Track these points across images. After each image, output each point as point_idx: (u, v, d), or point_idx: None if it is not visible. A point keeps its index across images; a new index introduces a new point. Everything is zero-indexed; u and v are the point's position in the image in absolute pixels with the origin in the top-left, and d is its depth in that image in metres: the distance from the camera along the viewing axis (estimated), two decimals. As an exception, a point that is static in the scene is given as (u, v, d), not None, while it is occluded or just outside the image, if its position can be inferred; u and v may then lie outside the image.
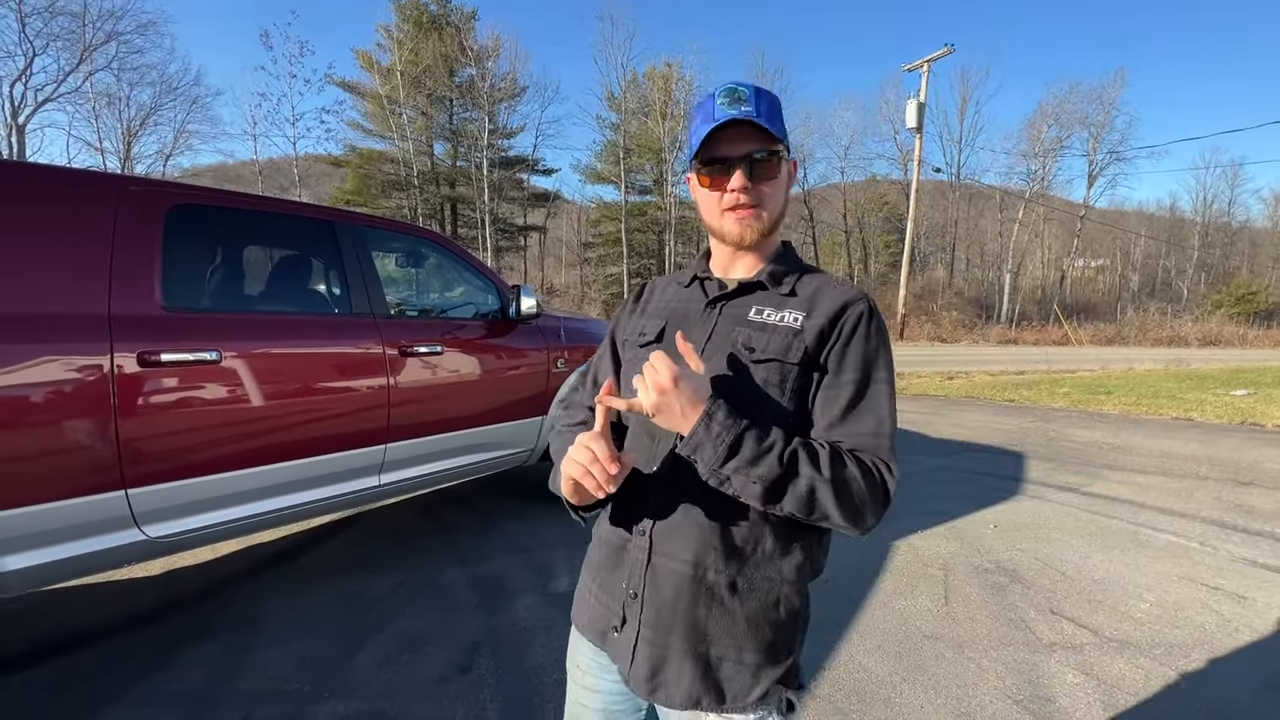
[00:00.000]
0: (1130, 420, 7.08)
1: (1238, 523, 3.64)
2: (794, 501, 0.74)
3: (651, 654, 0.83)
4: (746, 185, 0.84)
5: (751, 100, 0.83)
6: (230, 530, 2.25)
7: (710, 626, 0.81)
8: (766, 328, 0.84)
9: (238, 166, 29.63)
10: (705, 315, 0.90)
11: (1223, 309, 33.40)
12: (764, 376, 0.82)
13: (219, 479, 2.16)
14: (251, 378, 2.21)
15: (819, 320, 0.83)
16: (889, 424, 0.81)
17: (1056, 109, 33.24)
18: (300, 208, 2.67)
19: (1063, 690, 2.03)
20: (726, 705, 0.81)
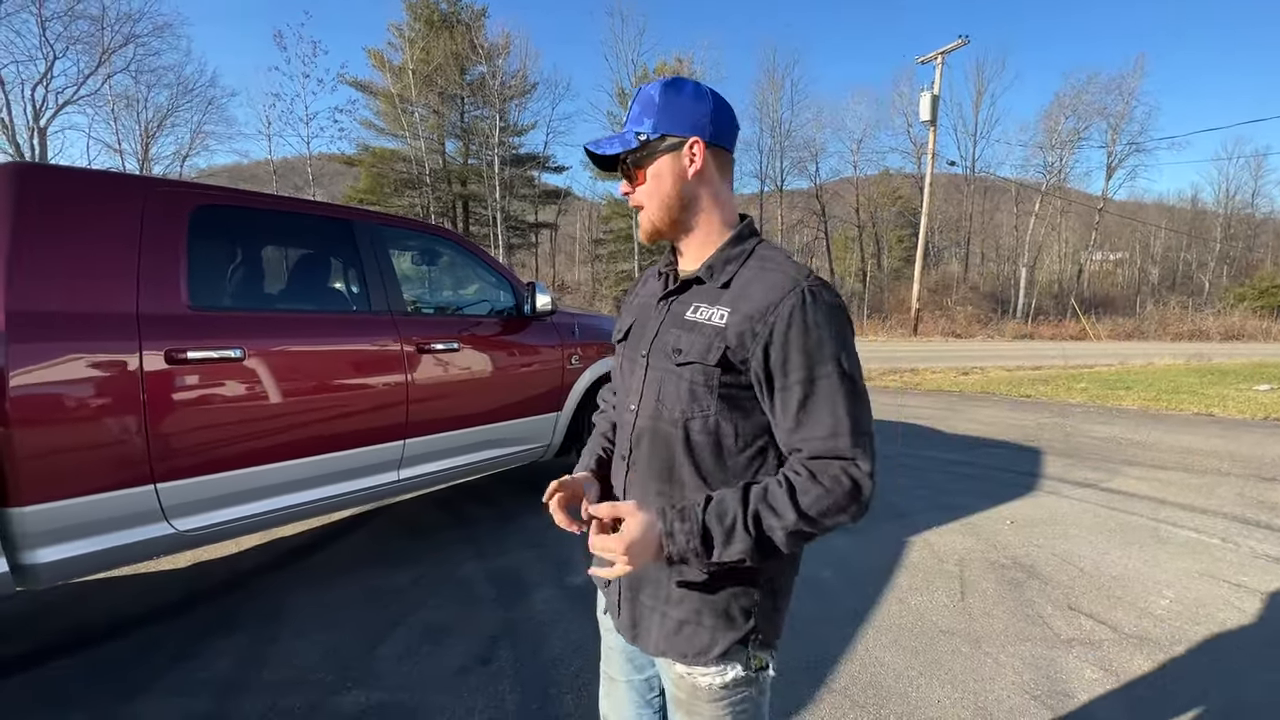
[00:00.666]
0: (1150, 416, 6.98)
1: (1260, 519, 3.59)
2: (781, 545, 0.78)
3: (630, 609, 0.94)
4: (626, 190, 0.92)
5: (628, 110, 0.90)
6: (255, 524, 2.30)
7: (671, 591, 0.89)
8: (695, 327, 0.85)
9: (252, 166, 30.02)
10: (657, 311, 0.94)
11: (1245, 302, 32.73)
12: (690, 378, 0.84)
13: (244, 474, 2.21)
14: (274, 374, 2.26)
15: (741, 319, 0.81)
16: (846, 419, 0.78)
17: (1074, 100, 32.71)
18: (319, 207, 2.71)
19: (1081, 686, 2.02)
20: (689, 660, 0.88)
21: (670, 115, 0.86)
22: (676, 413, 0.86)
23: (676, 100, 0.87)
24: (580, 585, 2.71)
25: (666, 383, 0.88)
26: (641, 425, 0.91)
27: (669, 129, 0.86)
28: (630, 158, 0.89)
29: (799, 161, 34.30)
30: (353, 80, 27.23)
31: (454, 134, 29.90)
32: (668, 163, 0.87)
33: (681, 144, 0.86)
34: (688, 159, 0.87)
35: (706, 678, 0.88)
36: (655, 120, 0.87)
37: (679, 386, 0.86)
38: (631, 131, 0.88)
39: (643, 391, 0.91)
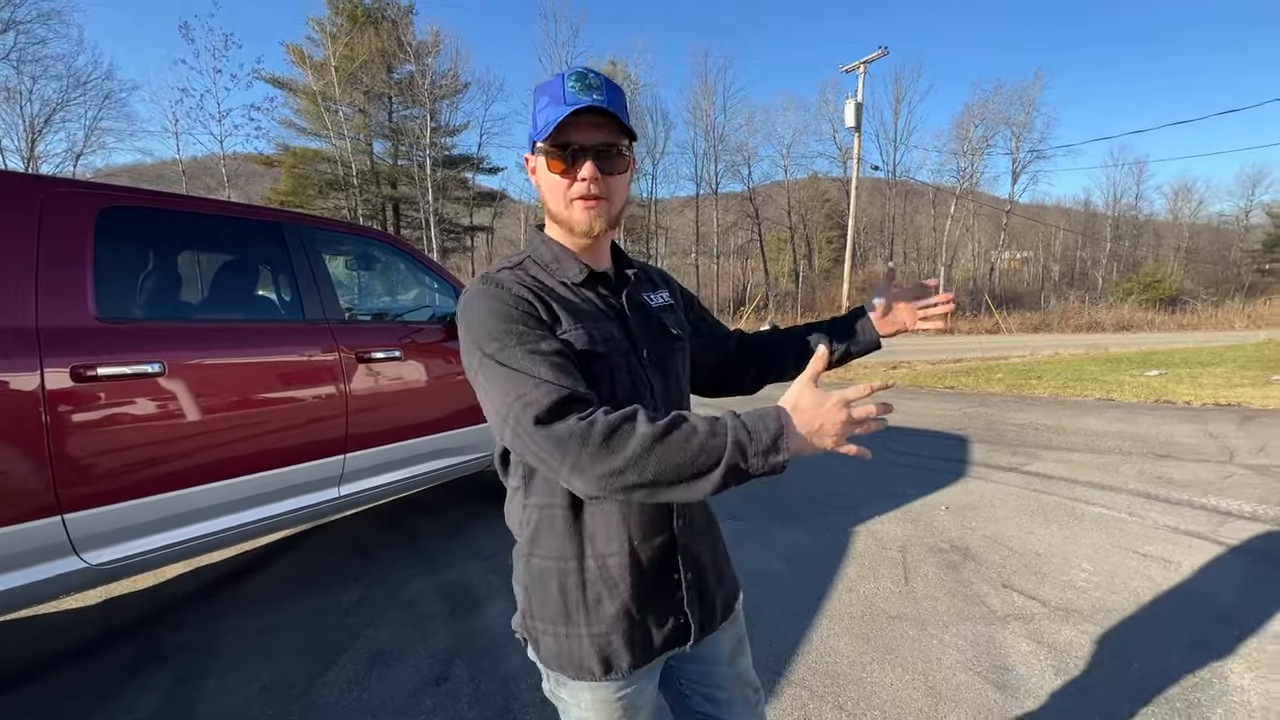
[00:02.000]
0: (1060, 402, 7.55)
1: (1159, 493, 3.94)
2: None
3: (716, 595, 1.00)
4: (596, 176, 0.83)
5: (603, 89, 0.81)
6: (179, 552, 2.13)
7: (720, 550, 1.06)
8: (665, 308, 0.99)
9: (158, 166, 27.77)
10: (630, 312, 0.94)
11: (1133, 296, 35.97)
12: (687, 348, 1.01)
13: (165, 499, 2.03)
14: (198, 390, 2.09)
15: (676, 293, 1.08)
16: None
17: (982, 109, 35.08)
18: (245, 210, 2.53)
19: (1018, 659, 2.15)
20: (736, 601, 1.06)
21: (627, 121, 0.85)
22: (685, 384, 1.01)
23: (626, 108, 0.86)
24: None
25: (675, 363, 0.97)
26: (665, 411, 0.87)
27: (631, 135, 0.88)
28: (628, 146, 0.86)
29: (732, 165, 35.14)
30: (270, 76, 25.76)
31: (382, 134, 28.79)
32: (631, 165, 0.89)
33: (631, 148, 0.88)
34: (631, 169, 0.90)
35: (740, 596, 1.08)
36: (628, 121, 0.85)
37: (683, 360, 1.00)
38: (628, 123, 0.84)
39: (653, 384, 0.91)
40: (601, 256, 0.94)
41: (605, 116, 0.81)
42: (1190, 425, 5.94)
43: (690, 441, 0.70)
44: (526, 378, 0.75)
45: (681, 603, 0.93)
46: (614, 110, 0.80)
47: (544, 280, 0.89)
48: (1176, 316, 31.87)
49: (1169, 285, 37.91)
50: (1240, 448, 5.01)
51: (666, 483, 0.70)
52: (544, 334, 0.81)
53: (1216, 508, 3.63)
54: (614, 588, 0.88)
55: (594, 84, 0.81)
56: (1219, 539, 3.17)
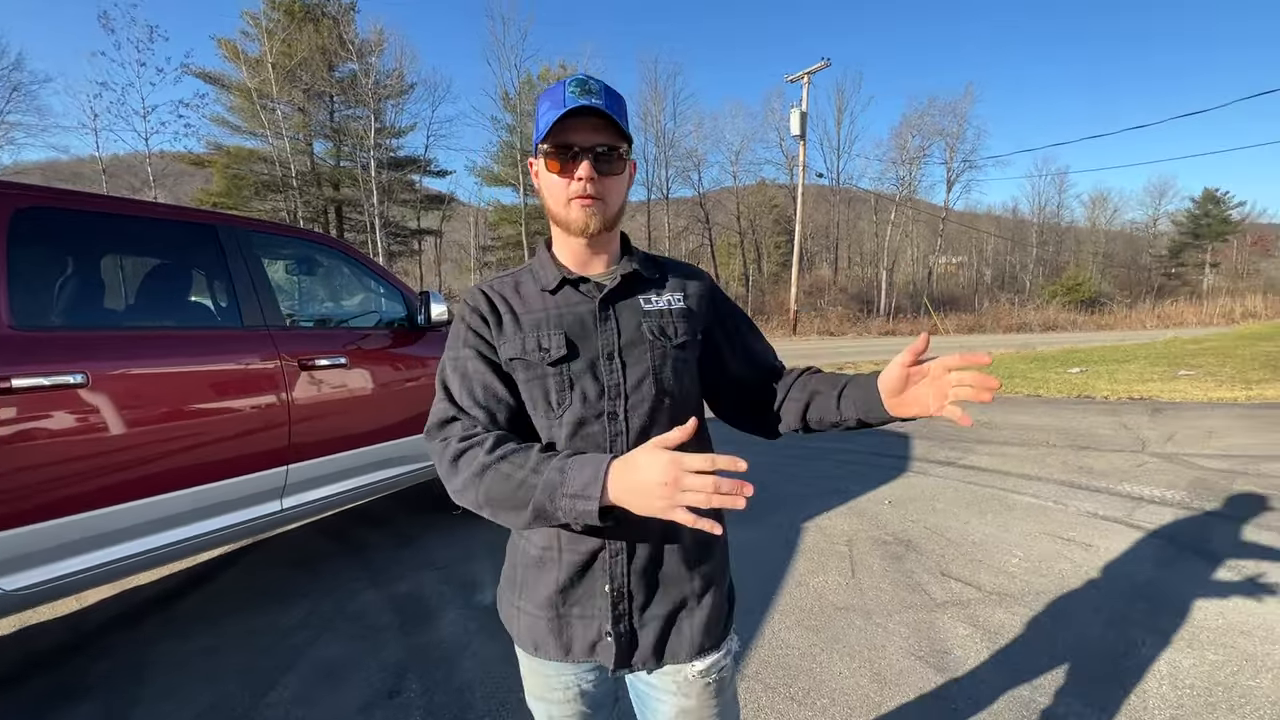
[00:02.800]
0: (993, 399, 7.97)
1: (1082, 482, 4.22)
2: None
3: (655, 629, 0.91)
4: (593, 176, 0.85)
5: (601, 95, 0.85)
6: (105, 574, 2.00)
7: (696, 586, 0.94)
8: (665, 313, 0.94)
9: (75, 164, 25.90)
10: (603, 317, 0.91)
11: (1057, 298, 38.30)
12: (684, 356, 0.94)
13: (90, 517, 1.92)
14: (127, 400, 1.98)
15: (695, 298, 0.98)
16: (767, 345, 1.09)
17: (918, 120, 36.63)
18: (177, 211, 2.41)
19: (956, 642, 2.27)
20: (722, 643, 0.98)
21: (628, 126, 0.88)
22: (680, 390, 0.93)
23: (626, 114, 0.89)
24: (490, 604, 2.62)
25: (665, 368, 0.92)
26: (643, 421, 0.88)
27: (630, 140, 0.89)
28: (623, 148, 0.88)
29: (683, 171, 35.49)
30: (200, 71, 24.41)
31: (323, 134, 27.74)
32: (629, 171, 0.92)
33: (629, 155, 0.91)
34: (630, 173, 0.93)
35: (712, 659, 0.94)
36: (627, 125, 0.87)
37: (678, 365, 0.93)
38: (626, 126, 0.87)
39: (626, 392, 0.89)
40: (600, 259, 0.95)
41: (602, 119, 0.84)
42: (1108, 418, 6.39)
43: (514, 475, 0.76)
44: (440, 389, 0.91)
45: (607, 620, 0.89)
46: (611, 113, 0.83)
47: (521, 287, 0.95)
48: (1095, 317, 34.15)
49: (1088, 288, 40.56)
50: (1151, 438, 5.42)
51: (496, 508, 0.79)
52: (474, 347, 0.91)
53: (1130, 494, 3.92)
54: (542, 576, 0.92)
55: (593, 89, 0.84)
56: (1133, 523, 3.42)
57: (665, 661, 0.91)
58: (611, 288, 0.92)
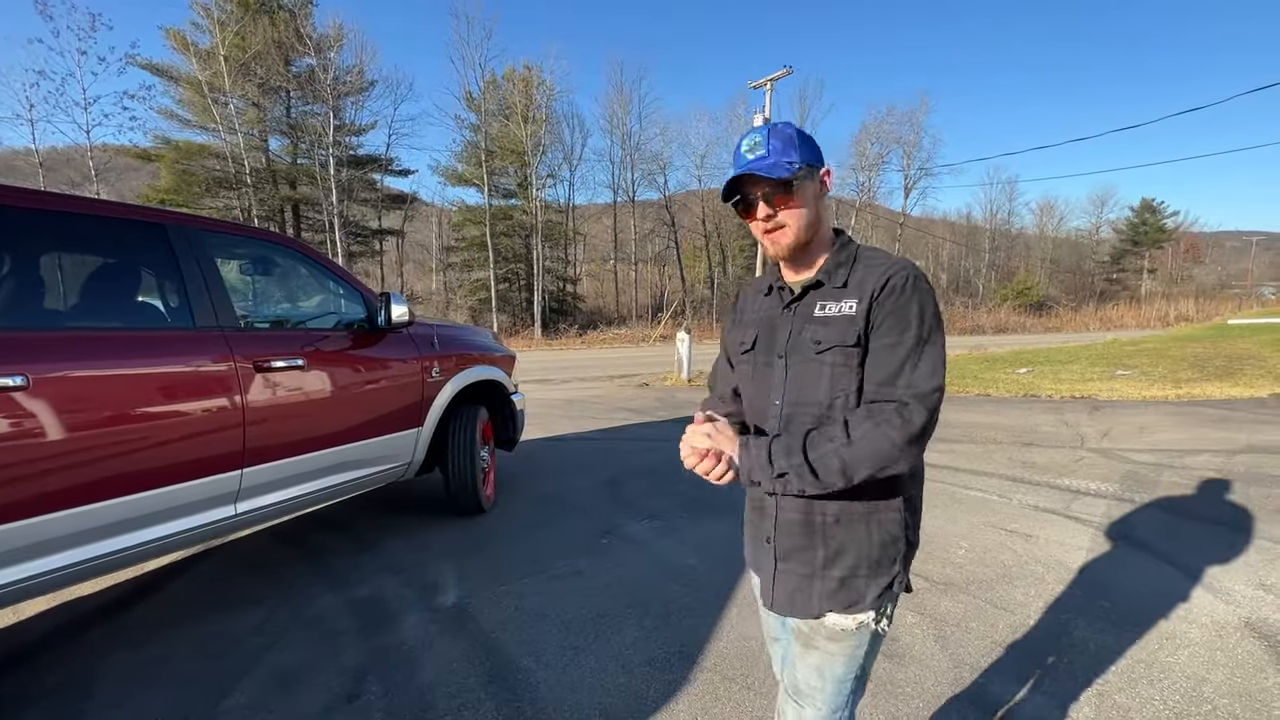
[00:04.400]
0: (946, 399, 8.27)
1: (1024, 476, 4.44)
2: (834, 471, 0.93)
3: (785, 583, 1.10)
4: (769, 214, 1.03)
5: (764, 144, 1.02)
6: (46, 584, 1.94)
7: (827, 555, 1.06)
8: (828, 321, 1.02)
9: (9, 155, 24.53)
10: (784, 319, 1.10)
11: (1008, 301, 39.91)
12: (831, 360, 1.01)
13: (28, 525, 1.85)
14: (71, 404, 1.92)
15: (866, 302, 1.00)
16: (908, 368, 0.95)
17: (877, 129, 37.71)
18: (124, 209, 2.34)
19: (904, 630, 2.38)
20: (851, 609, 1.06)
21: (808, 150, 1.04)
22: (821, 394, 1.02)
23: (808, 138, 1.05)
24: (451, 606, 2.62)
25: (808, 372, 1.03)
26: (788, 413, 1.06)
27: (809, 161, 1.03)
28: (792, 184, 1.01)
29: (648, 174, 35.70)
30: (147, 63, 23.42)
31: (279, 130, 26.95)
32: (811, 189, 1.04)
33: (816, 172, 1.05)
34: (820, 185, 1.07)
35: (836, 619, 1.06)
36: (800, 153, 1.02)
37: (821, 372, 1.02)
38: (783, 163, 1.00)
39: (785, 387, 1.06)
40: (805, 267, 1.10)
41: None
42: (1051, 416, 6.71)
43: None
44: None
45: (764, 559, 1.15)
46: (759, 171, 0.99)
47: (757, 290, 1.22)
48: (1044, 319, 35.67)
49: (1037, 292, 42.33)
50: (1089, 434, 5.72)
51: None
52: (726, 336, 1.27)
53: (1069, 487, 4.14)
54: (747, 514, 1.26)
55: (758, 142, 1.02)
56: (1070, 514, 3.62)
57: (792, 612, 1.10)
58: (794, 297, 1.09)
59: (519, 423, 4.27)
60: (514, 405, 4.18)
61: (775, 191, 1.02)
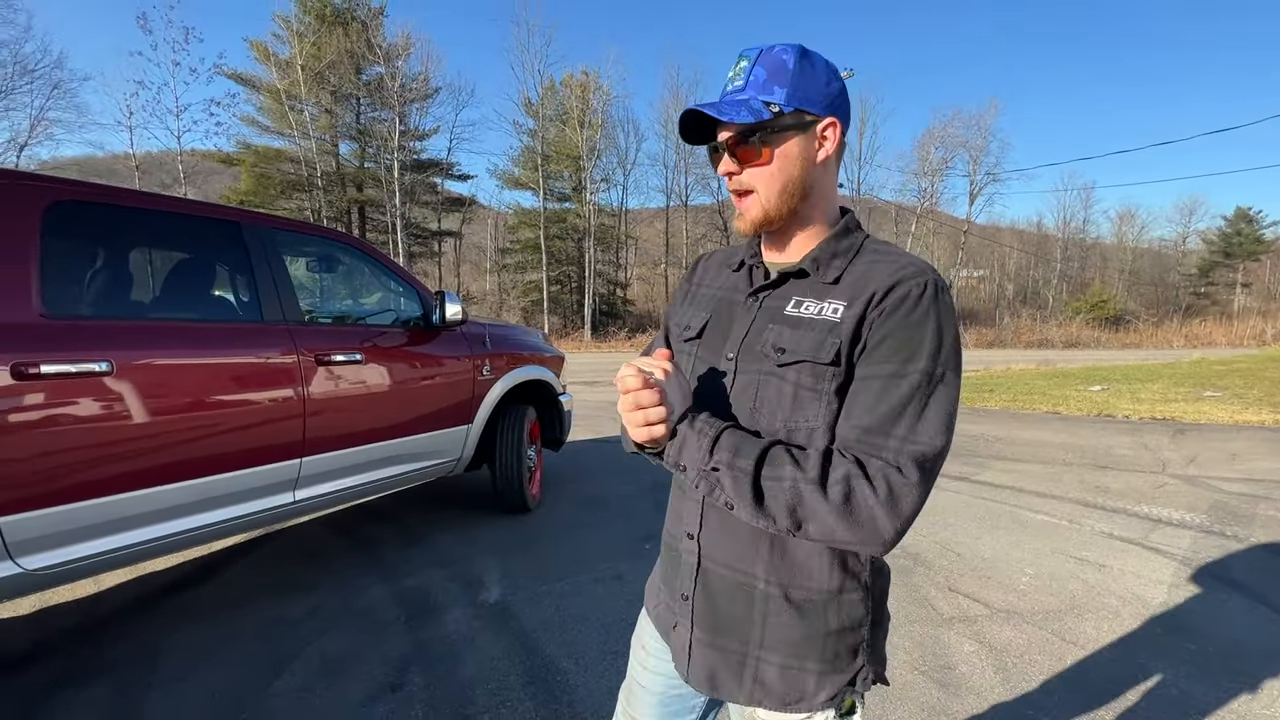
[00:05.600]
0: (1010, 415, 7.86)
1: (1097, 501, 4.15)
2: (781, 506, 0.66)
3: (707, 657, 0.82)
4: (731, 170, 0.77)
5: (745, 73, 0.75)
6: (122, 558, 2.06)
7: (767, 636, 0.78)
8: (802, 323, 0.75)
9: (109, 160, 26.71)
10: (746, 308, 0.82)
11: (1081, 314, 37.68)
12: (796, 379, 0.73)
13: (109, 501, 1.97)
14: (149, 389, 2.04)
15: (858, 309, 0.71)
16: (910, 415, 0.66)
17: (941, 132, 36.41)
18: (204, 208, 2.49)
19: (961, 659, 2.24)
20: (791, 707, 0.78)
21: (807, 88, 0.74)
22: (777, 422, 0.74)
23: (813, 73, 0.74)
24: (494, 603, 2.65)
25: (765, 388, 0.76)
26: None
27: (804, 104, 0.74)
28: (757, 133, 0.74)
29: (702, 178, 35.54)
30: (232, 72, 25.07)
31: (349, 135, 28.30)
32: (798, 143, 0.75)
33: (814, 124, 0.75)
34: (818, 141, 0.76)
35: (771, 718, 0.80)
36: (789, 91, 0.73)
37: (781, 391, 0.74)
38: (758, 100, 0.73)
39: (730, 399, 0.78)
40: (792, 247, 0.81)
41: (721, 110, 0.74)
42: (1128, 438, 6.27)
43: None
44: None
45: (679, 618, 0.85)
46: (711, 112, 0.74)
47: (724, 260, 0.93)
48: (1120, 335, 33.51)
49: (1113, 305, 39.82)
50: (1172, 459, 5.31)
51: None
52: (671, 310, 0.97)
53: (1148, 515, 3.84)
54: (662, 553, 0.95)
55: (740, 70, 0.75)
56: (1149, 544, 3.36)
57: (714, 693, 0.83)
58: (766, 282, 0.82)
59: (566, 423, 4.30)
60: (561, 406, 4.20)
61: (740, 142, 0.75)
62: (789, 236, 0.81)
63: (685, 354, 0.87)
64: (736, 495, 0.69)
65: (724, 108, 0.73)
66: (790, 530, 0.68)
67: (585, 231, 30.03)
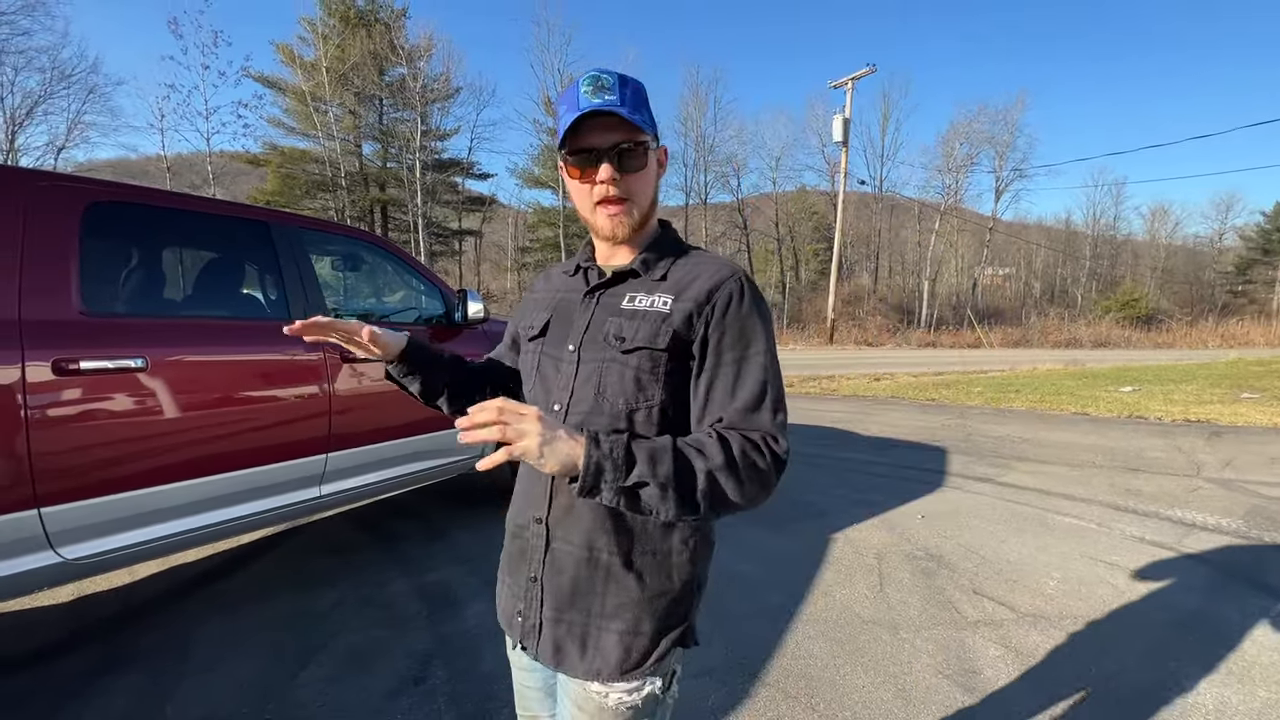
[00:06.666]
0: (1036, 416, 7.70)
1: (1128, 505, 4.04)
2: (702, 497, 0.73)
3: (554, 632, 0.87)
4: (614, 177, 0.83)
5: (615, 89, 0.81)
6: (156, 549, 2.12)
7: (608, 603, 0.85)
8: (637, 315, 0.85)
9: (142, 161, 27.41)
10: (584, 305, 0.92)
11: (1111, 314, 36.71)
12: (636, 364, 0.83)
13: (144, 494, 2.03)
14: (181, 385, 2.10)
15: (687, 304, 0.83)
16: (770, 393, 0.81)
17: (966, 128, 35.69)
18: (233, 208, 2.54)
19: (986, 663, 2.21)
20: (628, 675, 0.84)
21: (651, 115, 0.87)
22: (620, 404, 0.83)
23: (648, 103, 0.87)
24: (516, 597, 2.67)
25: (608, 373, 0.84)
26: (573, 421, 0.85)
27: (653, 128, 0.86)
28: (641, 144, 0.84)
29: (721, 176, 35.39)
30: (259, 75, 25.57)
31: (372, 136, 28.68)
32: (655, 160, 0.89)
33: (655, 144, 0.88)
34: (659, 159, 0.91)
35: (619, 693, 0.85)
36: (647, 115, 0.85)
37: (623, 375, 0.84)
38: (643, 118, 0.83)
39: (573, 388, 0.87)
40: (620, 253, 0.93)
41: (616, 117, 0.81)
42: (1160, 440, 6.10)
43: None
44: None
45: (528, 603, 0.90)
46: (618, 110, 0.80)
47: (562, 269, 1.03)
48: (1152, 334, 32.59)
49: (1145, 304, 38.75)
50: (1207, 462, 5.15)
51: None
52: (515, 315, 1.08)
53: (1181, 520, 3.74)
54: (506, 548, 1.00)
55: (606, 84, 0.81)
56: (1182, 550, 3.26)
57: (559, 668, 0.88)
58: (600, 281, 0.92)
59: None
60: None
61: (631, 151, 0.83)
62: (630, 240, 0.91)
63: (530, 352, 0.97)
64: (664, 502, 0.72)
65: (633, 115, 0.81)
66: (701, 515, 0.75)
67: (604, 230, 30.02)
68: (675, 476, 0.72)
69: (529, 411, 0.69)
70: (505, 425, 0.67)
